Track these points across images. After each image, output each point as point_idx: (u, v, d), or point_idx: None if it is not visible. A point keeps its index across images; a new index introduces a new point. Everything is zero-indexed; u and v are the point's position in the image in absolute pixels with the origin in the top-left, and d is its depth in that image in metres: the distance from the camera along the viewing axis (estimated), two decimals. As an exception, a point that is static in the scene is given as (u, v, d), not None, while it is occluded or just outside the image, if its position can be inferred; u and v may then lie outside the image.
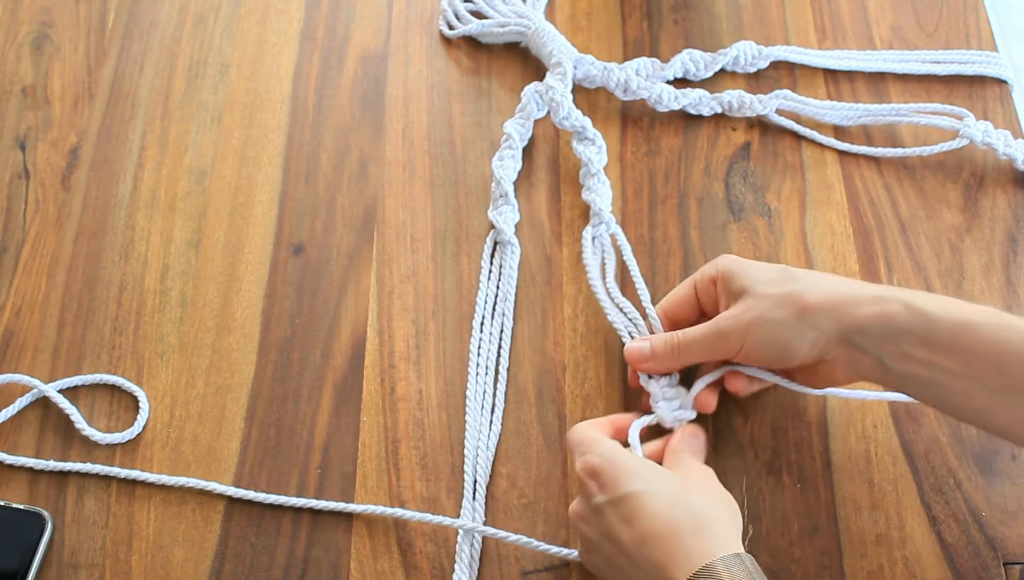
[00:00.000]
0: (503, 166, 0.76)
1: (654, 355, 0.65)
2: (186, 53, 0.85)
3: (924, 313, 0.57)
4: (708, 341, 0.63)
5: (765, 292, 0.61)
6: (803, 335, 0.59)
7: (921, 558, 0.63)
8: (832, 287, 0.60)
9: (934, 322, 0.57)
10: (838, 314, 0.59)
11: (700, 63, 0.81)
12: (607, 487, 0.57)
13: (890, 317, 0.58)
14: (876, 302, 0.58)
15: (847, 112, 0.79)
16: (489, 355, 0.70)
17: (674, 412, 0.65)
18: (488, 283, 0.73)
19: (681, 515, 0.54)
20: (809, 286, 0.60)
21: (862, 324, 0.58)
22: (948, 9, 0.85)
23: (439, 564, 0.63)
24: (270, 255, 0.75)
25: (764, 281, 0.61)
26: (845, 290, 0.60)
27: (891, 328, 0.58)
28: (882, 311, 0.58)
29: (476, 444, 0.67)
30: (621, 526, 0.55)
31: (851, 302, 0.59)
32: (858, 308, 0.59)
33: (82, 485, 0.66)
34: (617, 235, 0.74)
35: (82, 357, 0.71)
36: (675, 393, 0.66)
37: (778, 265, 0.63)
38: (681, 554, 0.53)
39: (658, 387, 0.66)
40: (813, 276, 0.62)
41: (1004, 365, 0.56)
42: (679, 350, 0.64)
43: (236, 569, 0.63)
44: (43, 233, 0.76)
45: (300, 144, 0.80)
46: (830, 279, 0.62)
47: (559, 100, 0.77)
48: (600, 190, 0.75)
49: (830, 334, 0.59)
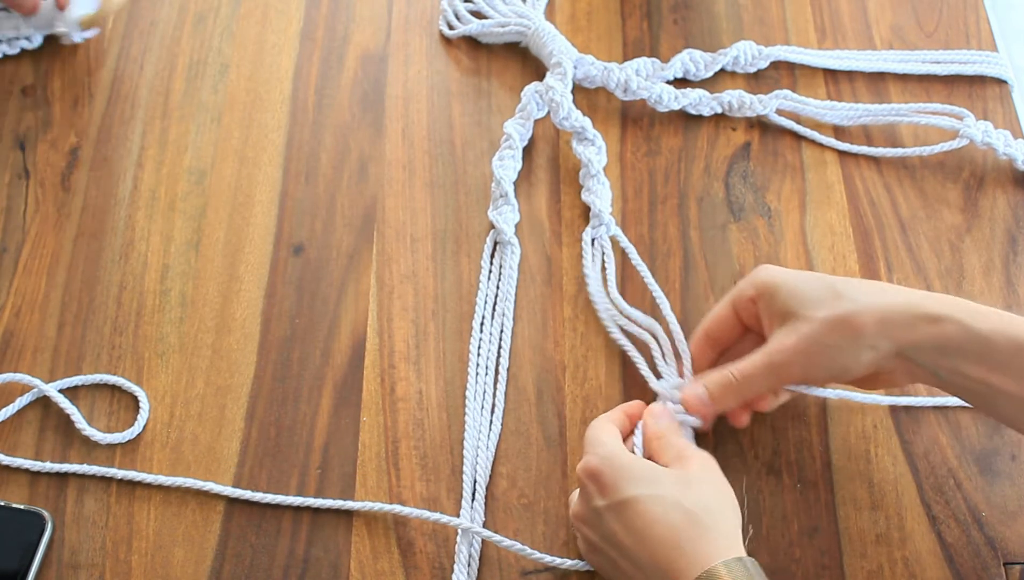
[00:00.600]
0: (503, 166, 0.76)
1: (713, 399, 0.62)
2: (186, 53, 0.85)
3: (980, 334, 0.56)
4: (767, 375, 0.61)
5: (815, 316, 0.59)
6: (860, 356, 0.58)
7: (921, 558, 0.63)
8: (884, 305, 0.58)
9: (990, 343, 0.56)
10: (895, 333, 0.58)
11: (700, 63, 0.81)
12: (606, 490, 0.57)
13: (945, 338, 0.57)
14: (931, 322, 0.57)
15: (847, 112, 0.79)
16: (489, 355, 0.70)
17: (682, 415, 0.65)
18: (488, 283, 0.73)
19: (682, 519, 0.54)
20: (860, 305, 0.58)
21: (918, 342, 0.57)
22: (948, 9, 0.85)
23: (439, 564, 0.63)
24: (270, 255, 0.75)
25: (810, 302, 0.59)
26: (898, 307, 0.58)
27: (946, 348, 0.57)
28: (938, 333, 0.57)
29: (476, 445, 0.67)
30: (622, 531, 0.55)
31: (906, 322, 0.58)
32: (913, 329, 0.57)
33: (82, 485, 0.66)
34: (618, 237, 0.74)
35: (82, 357, 0.71)
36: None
37: (817, 276, 0.61)
38: (683, 560, 0.53)
39: (667, 388, 0.66)
40: (859, 290, 0.59)
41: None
42: (738, 389, 0.62)
43: (236, 569, 0.63)
44: (43, 233, 0.76)
45: (300, 144, 0.80)
46: (878, 292, 0.60)
47: (559, 100, 0.77)
48: (600, 191, 0.75)
49: (887, 351, 0.58)
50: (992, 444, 0.66)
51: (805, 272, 0.62)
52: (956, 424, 0.67)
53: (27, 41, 0.84)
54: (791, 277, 0.61)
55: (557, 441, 0.67)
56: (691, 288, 0.73)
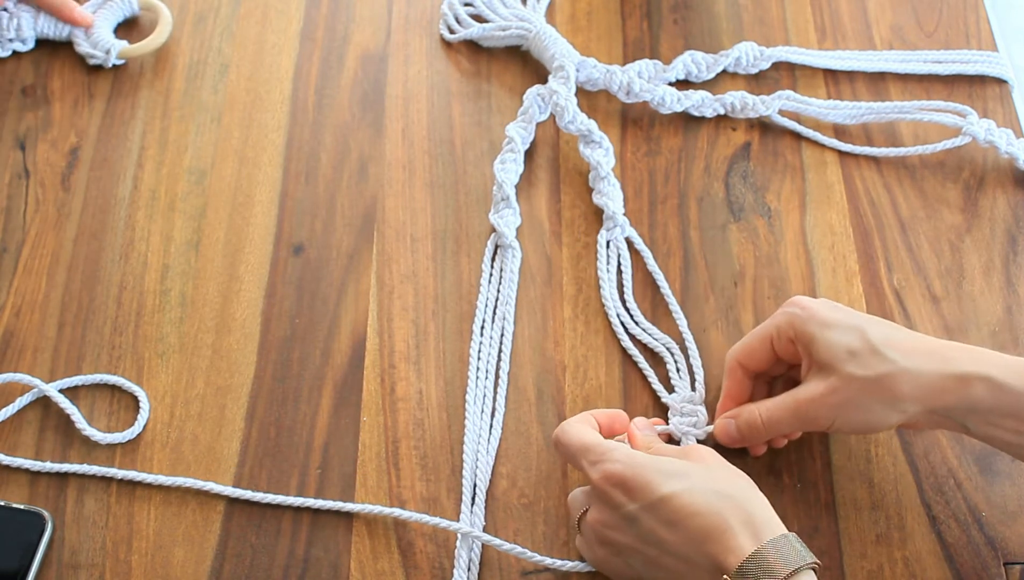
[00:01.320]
0: (505, 169, 0.76)
1: (741, 435, 0.64)
2: (186, 53, 0.85)
3: (1011, 391, 0.57)
4: (793, 420, 0.62)
5: (853, 374, 0.59)
6: (889, 417, 0.59)
7: (921, 558, 0.63)
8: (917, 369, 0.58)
9: (1021, 397, 0.57)
10: (925, 399, 0.59)
11: (702, 64, 0.81)
12: (637, 494, 0.56)
13: (976, 399, 0.58)
14: (962, 382, 0.58)
15: (850, 111, 0.79)
16: (489, 359, 0.70)
17: (689, 428, 0.66)
18: (489, 287, 0.73)
19: (724, 506, 0.55)
20: (896, 369, 0.58)
21: (948, 405, 0.59)
22: (948, 9, 0.85)
23: (439, 564, 0.63)
24: (270, 255, 0.75)
25: (848, 357, 0.59)
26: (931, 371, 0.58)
27: (977, 408, 0.58)
28: (968, 394, 0.58)
29: (476, 448, 0.67)
30: (664, 529, 0.55)
31: (938, 387, 0.58)
32: (944, 393, 0.58)
33: (82, 485, 0.66)
34: (633, 239, 0.74)
35: (82, 357, 0.71)
36: (692, 409, 0.67)
37: (854, 324, 0.60)
38: (734, 542, 0.54)
39: (679, 402, 0.67)
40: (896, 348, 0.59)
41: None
42: (764, 429, 0.63)
43: (236, 569, 0.63)
44: (43, 233, 0.76)
45: (300, 144, 0.80)
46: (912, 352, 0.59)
47: (563, 104, 0.77)
48: (611, 193, 0.75)
49: (916, 413, 0.59)
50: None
51: (843, 314, 0.61)
52: (956, 424, 0.67)
53: (21, 44, 0.84)
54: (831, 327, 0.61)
55: (557, 441, 0.67)
56: (691, 288, 0.73)
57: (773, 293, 0.72)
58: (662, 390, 0.68)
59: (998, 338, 0.70)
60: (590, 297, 0.72)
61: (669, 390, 0.69)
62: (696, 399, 0.67)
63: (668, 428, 0.66)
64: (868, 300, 0.72)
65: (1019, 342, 0.70)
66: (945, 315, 0.71)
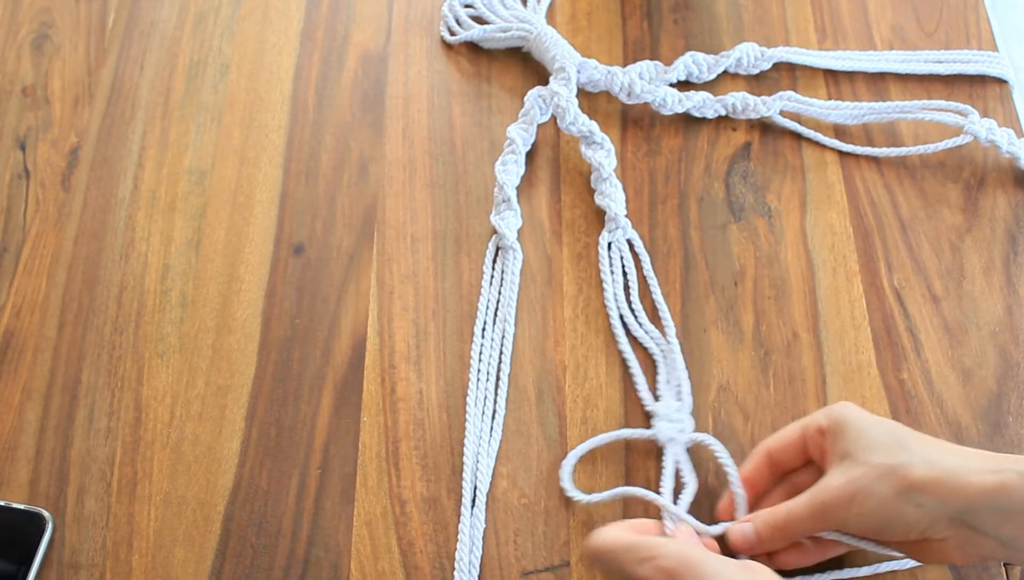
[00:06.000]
0: (506, 171, 0.76)
1: (760, 540, 0.59)
2: (186, 53, 0.85)
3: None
4: (814, 517, 0.57)
5: (870, 461, 0.55)
6: (905, 513, 0.55)
7: (921, 558, 0.63)
8: (940, 461, 0.55)
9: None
10: (944, 491, 0.54)
11: (703, 65, 0.81)
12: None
13: (1007, 492, 0.52)
14: (990, 473, 0.53)
15: (851, 111, 0.78)
16: (490, 362, 0.70)
17: (673, 434, 0.65)
18: (490, 289, 0.73)
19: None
20: (916, 458, 0.55)
21: (974, 503, 0.53)
22: (948, 9, 0.85)
23: (439, 564, 0.63)
24: (270, 255, 0.75)
25: (872, 447, 0.56)
26: (956, 461, 0.55)
27: (1009, 505, 0.53)
28: (998, 485, 0.53)
29: (476, 451, 0.67)
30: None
31: (959, 474, 0.54)
32: (967, 481, 0.53)
33: (82, 485, 0.66)
34: (634, 241, 0.74)
35: (82, 357, 0.71)
36: (678, 417, 0.66)
37: (893, 426, 0.58)
38: None
39: (662, 410, 0.66)
40: (929, 446, 0.56)
41: None
42: (784, 532, 0.58)
43: (236, 569, 0.63)
44: (43, 233, 0.76)
45: (300, 144, 0.80)
46: (947, 450, 0.56)
47: (565, 106, 0.77)
48: (614, 194, 0.75)
49: (936, 514, 0.54)
50: (992, 445, 0.66)
51: (884, 419, 0.59)
52: (957, 424, 0.67)
53: None
54: (865, 420, 0.58)
55: (557, 441, 0.67)
56: (691, 288, 0.73)
57: (773, 293, 0.72)
58: (649, 398, 0.68)
59: (998, 338, 0.70)
60: (591, 297, 0.72)
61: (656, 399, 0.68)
62: (683, 409, 0.67)
63: (651, 434, 0.65)
64: (868, 300, 0.72)
65: (1019, 342, 0.70)
66: (945, 315, 0.71)
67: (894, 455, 0.55)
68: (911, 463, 0.55)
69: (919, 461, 0.55)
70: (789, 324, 0.71)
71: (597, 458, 0.67)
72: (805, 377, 0.69)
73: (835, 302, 0.72)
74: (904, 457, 0.55)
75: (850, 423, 0.58)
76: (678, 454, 0.65)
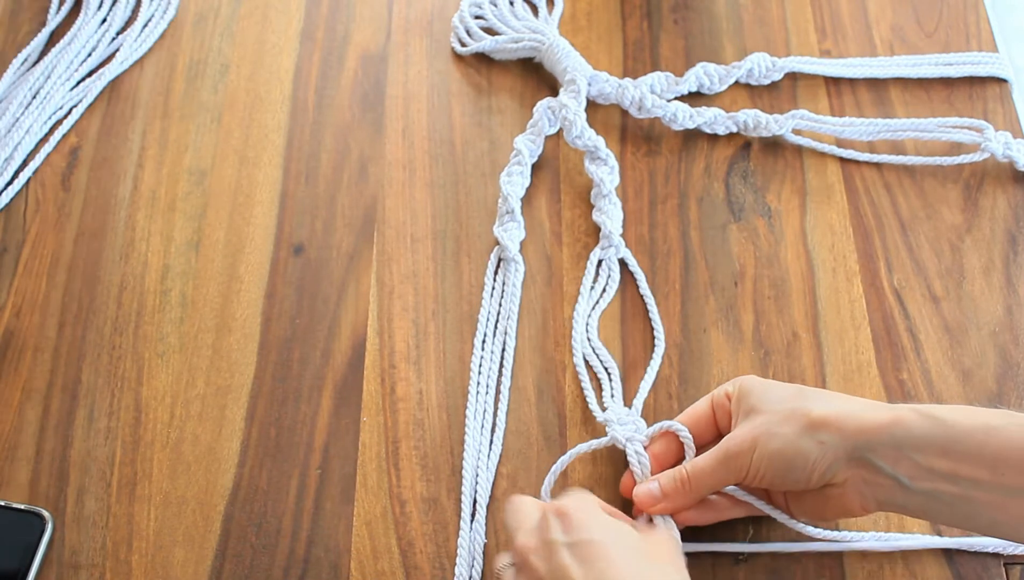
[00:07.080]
0: (511, 182, 0.75)
1: (665, 495, 0.60)
2: (186, 53, 0.85)
3: (940, 419, 0.54)
4: (718, 467, 0.59)
5: (773, 409, 0.58)
6: (806, 451, 0.56)
7: (921, 558, 0.63)
8: (844, 402, 0.57)
9: (953, 428, 0.54)
10: (845, 426, 0.56)
11: (714, 77, 0.80)
12: (571, 529, 0.54)
13: (904, 425, 0.54)
14: (886, 409, 0.56)
15: (865, 128, 0.77)
16: (490, 374, 0.70)
17: (630, 433, 0.64)
18: (491, 301, 0.73)
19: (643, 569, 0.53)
20: (818, 402, 0.57)
21: (872, 437, 0.55)
22: (948, 9, 0.85)
23: (439, 564, 0.63)
24: (270, 255, 0.75)
25: (775, 399, 0.58)
26: (856, 404, 0.57)
27: (906, 438, 0.54)
28: (894, 419, 0.55)
29: (475, 466, 0.66)
30: (576, 565, 0.53)
31: (859, 412, 0.56)
32: (865, 416, 0.55)
33: (82, 485, 0.66)
34: (628, 260, 0.73)
35: (82, 357, 0.71)
36: (629, 420, 0.65)
37: (795, 386, 0.60)
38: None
39: (613, 416, 0.66)
40: (826, 394, 0.59)
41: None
42: (690, 484, 0.60)
43: (236, 569, 0.63)
44: (43, 233, 0.76)
45: (300, 144, 0.80)
46: (846, 397, 0.59)
47: (572, 119, 0.76)
48: (611, 212, 0.74)
49: (837, 450, 0.56)
50: (992, 444, 0.66)
51: (789, 383, 0.61)
52: (956, 424, 0.67)
53: None
54: (769, 382, 0.61)
55: (557, 441, 0.67)
56: (691, 288, 0.73)
57: (773, 293, 0.72)
58: (597, 409, 0.67)
59: (998, 338, 0.70)
60: (590, 297, 0.72)
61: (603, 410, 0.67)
62: (633, 413, 0.66)
63: (608, 440, 0.64)
64: (868, 300, 0.72)
65: (1019, 342, 0.70)
66: (945, 315, 0.71)
67: (797, 402, 0.58)
68: (812, 406, 0.57)
69: (821, 404, 0.57)
70: (789, 324, 0.71)
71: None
72: (805, 377, 0.69)
73: (835, 302, 0.72)
74: (806, 403, 0.58)
75: (755, 385, 0.60)
76: (639, 451, 0.64)
